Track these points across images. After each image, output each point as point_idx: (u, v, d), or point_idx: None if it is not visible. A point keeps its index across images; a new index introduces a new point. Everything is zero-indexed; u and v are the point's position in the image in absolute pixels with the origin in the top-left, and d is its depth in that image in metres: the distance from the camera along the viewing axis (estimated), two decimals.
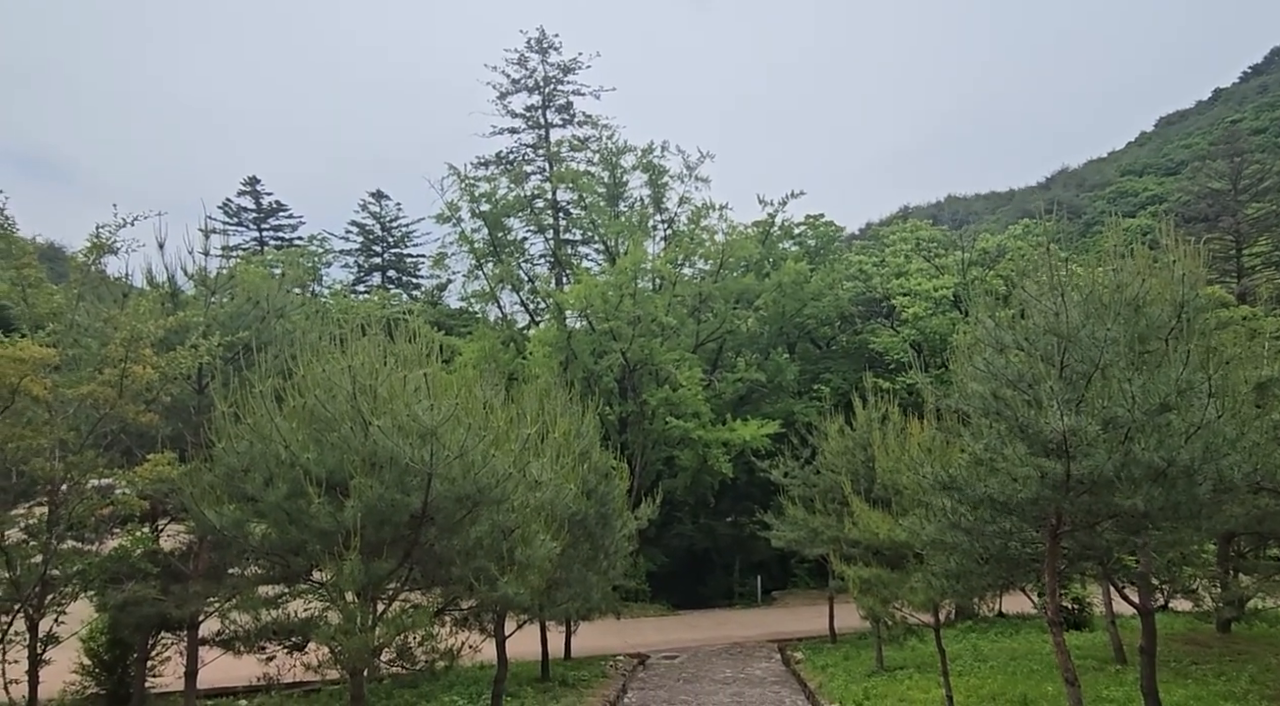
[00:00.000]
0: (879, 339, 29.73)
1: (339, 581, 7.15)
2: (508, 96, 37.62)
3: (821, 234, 33.85)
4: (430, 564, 8.32)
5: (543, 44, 37.07)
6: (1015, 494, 7.35)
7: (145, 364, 7.83)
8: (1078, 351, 7.84)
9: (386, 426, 7.22)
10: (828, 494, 19.41)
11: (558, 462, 9.59)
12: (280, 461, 7.74)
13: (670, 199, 31.87)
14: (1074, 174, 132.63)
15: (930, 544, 9.53)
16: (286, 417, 7.89)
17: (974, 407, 8.50)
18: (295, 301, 13.37)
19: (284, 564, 8.75)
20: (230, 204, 54.52)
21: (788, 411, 28.78)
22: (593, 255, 36.66)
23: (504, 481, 7.95)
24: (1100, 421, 6.95)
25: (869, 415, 17.52)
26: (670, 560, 29.25)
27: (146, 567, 9.42)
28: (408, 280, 56.04)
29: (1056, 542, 8.13)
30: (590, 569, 13.36)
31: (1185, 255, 9.72)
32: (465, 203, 30.96)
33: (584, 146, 34.71)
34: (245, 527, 7.96)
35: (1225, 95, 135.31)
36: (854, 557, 15.64)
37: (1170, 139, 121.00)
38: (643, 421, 27.80)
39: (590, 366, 27.81)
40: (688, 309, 29.67)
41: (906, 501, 12.58)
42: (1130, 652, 14.77)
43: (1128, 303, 8.64)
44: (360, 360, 7.88)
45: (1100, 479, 7.01)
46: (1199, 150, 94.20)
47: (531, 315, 33.55)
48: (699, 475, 27.92)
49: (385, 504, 7.38)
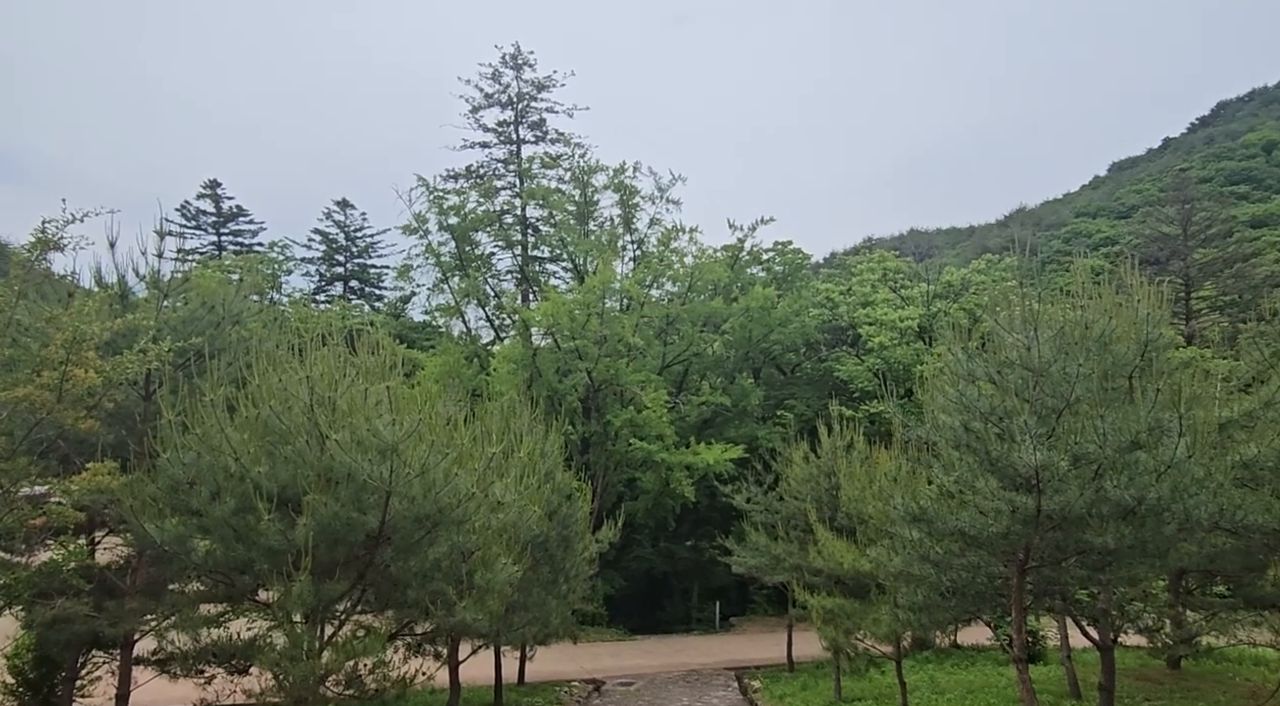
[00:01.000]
0: (844, 367, 29.94)
1: (286, 602, 6.78)
2: (480, 110, 37.43)
3: (789, 261, 34.10)
4: (385, 586, 7.96)
5: (517, 60, 37.01)
6: (986, 528, 7.29)
7: (88, 367, 7.40)
8: (1049, 386, 7.86)
9: (344, 441, 6.90)
10: (790, 520, 19.32)
11: (522, 483, 9.31)
12: (229, 474, 7.35)
13: (641, 220, 31.88)
14: (1031, 213, 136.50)
15: (897, 575, 9.44)
16: (238, 428, 7.52)
17: (944, 439, 8.47)
18: (252, 308, 12.93)
19: (228, 582, 8.30)
20: (189, 206, 53.24)
21: (751, 436, 28.74)
22: (561, 273, 36.45)
23: (466, 501, 7.66)
24: (1071, 457, 6.94)
25: (834, 443, 17.51)
26: (628, 584, 28.86)
27: (78, 583, 8.87)
28: (370, 291, 55.17)
29: (1023, 577, 8.09)
30: (550, 593, 13.02)
31: (1148, 295, 9.89)
32: (433, 215, 30.58)
33: (555, 164, 34.60)
34: (188, 543, 7.53)
35: (1174, 144, 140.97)
36: (816, 586, 15.53)
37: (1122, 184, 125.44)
38: (606, 442, 27.50)
39: (555, 385, 27.49)
40: (655, 330, 29.58)
41: (872, 531, 12.52)
42: (1085, 688, 14.84)
43: (1095, 339, 8.72)
44: (319, 370, 7.56)
45: (1071, 515, 6.98)
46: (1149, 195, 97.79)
47: (497, 331, 33.14)
48: (660, 498, 27.66)
49: (340, 522, 7.04)
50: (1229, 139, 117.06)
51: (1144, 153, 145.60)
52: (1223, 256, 47.99)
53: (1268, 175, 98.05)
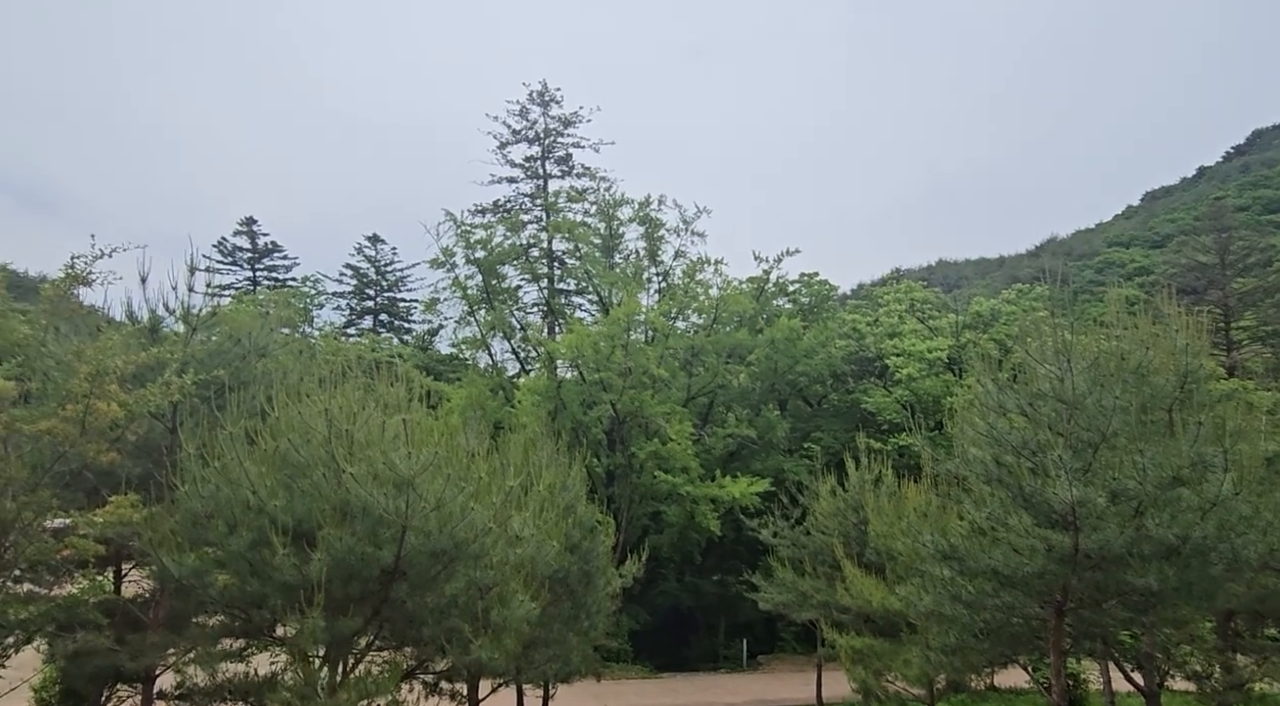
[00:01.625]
0: (871, 398, 29.50)
1: (300, 639, 6.67)
2: (508, 146, 38.03)
3: (815, 292, 33.91)
4: (400, 622, 7.83)
5: (544, 97, 37.62)
6: (1020, 567, 6.99)
7: (110, 400, 7.46)
8: (1083, 419, 7.59)
9: (360, 474, 6.84)
10: (818, 556, 18.89)
11: (541, 517, 9.18)
12: (247, 507, 7.32)
13: (666, 252, 31.96)
14: (1062, 243, 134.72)
15: (928, 615, 9.11)
16: (256, 461, 7.50)
17: (974, 473, 8.20)
18: (279, 340, 13.05)
19: (245, 617, 8.22)
20: (226, 243, 54.47)
21: (777, 469, 28.33)
22: (586, 305, 36.59)
23: (483, 536, 7.54)
24: (1109, 493, 6.66)
25: (862, 476, 17.16)
26: (654, 619, 28.36)
27: (96, 618, 8.85)
28: (399, 324, 55.77)
29: (1062, 619, 7.74)
30: (571, 628, 12.77)
31: (1187, 325, 9.57)
32: (460, 249, 30.92)
33: (581, 197, 34.93)
34: (206, 578, 7.49)
35: (1209, 173, 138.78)
36: (845, 624, 15.10)
37: (1156, 213, 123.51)
38: (630, 475, 27.27)
39: (579, 417, 27.40)
40: (680, 362, 29.44)
41: (901, 568, 12.14)
42: None
43: (1131, 371, 8.44)
44: (338, 403, 7.53)
45: (1110, 554, 6.67)
46: (1184, 225, 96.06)
47: (522, 363, 33.23)
48: (686, 532, 27.29)
49: (355, 557, 6.95)
50: (1265, 167, 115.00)
51: (1178, 182, 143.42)
52: (1263, 286, 46.78)
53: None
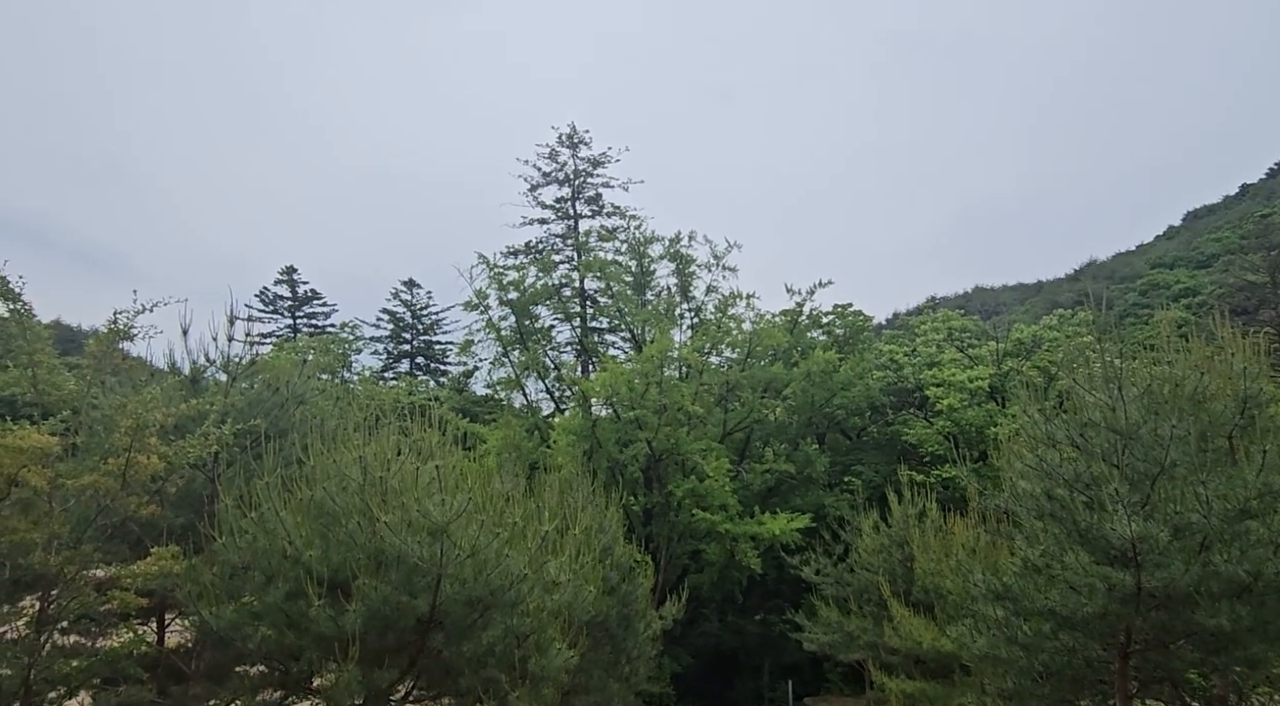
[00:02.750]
0: (912, 430, 28.88)
1: (335, 693, 6.57)
2: (538, 188, 38.58)
3: (850, 323, 33.53)
4: (437, 673, 7.69)
5: (573, 139, 38.22)
6: (1080, 607, 6.65)
7: (150, 453, 7.55)
8: (1139, 449, 7.27)
9: (394, 522, 6.78)
10: (863, 594, 18.36)
11: (577, 561, 9.02)
12: (284, 558, 7.30)
13: (697, 287, 31.93)
14: (1102, 266, 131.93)
15: (982, 658, 8.71)
16: (293, 510, 7.50)
17: (1025, 508, 7.88)
18: (317, 387, 13.20)
19: (283, 670, 8.16)
20: (267, 292, 55.91)
21: (818, 504, 27.76)
22: (619, 343, 36.61)
23: (519, 583, 7.41)
24: (1171, 528, 6.32)
25: (905, 511, 16.71)
26: (696, 661, 27.70)
27: (138, 672, 8.86)
28: (436, 367, 56.42)
29: (1126, 662, 7.32)
30: (611, 675, 12.50)
31: (1243, 348, 9.20)
32: (493, 290, 31.25)
33: (612, 236, 35.20)
34: (244, 630, 7.45)
35: (1253, 190, 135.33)
36: (894, 666, 14.57)
37: (1199, 233, 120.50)
38: (668, 513, 26.91)
39: (615, 455, 27.22)
40: (715, 398, 29.18)
41: (951, 607, 11.70)
42: None
43: (1187, 397, 8.09)
44: (372, 450, 7.52)
45: (1175, 593, 6.31)
46: (1229, 243, 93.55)
47: (556, 403, 33.25)
48: (726, 571, 26.76)
49: (390, 607, 6.86)
50: None
51: (1220, 200, 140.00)
52: None
53: None
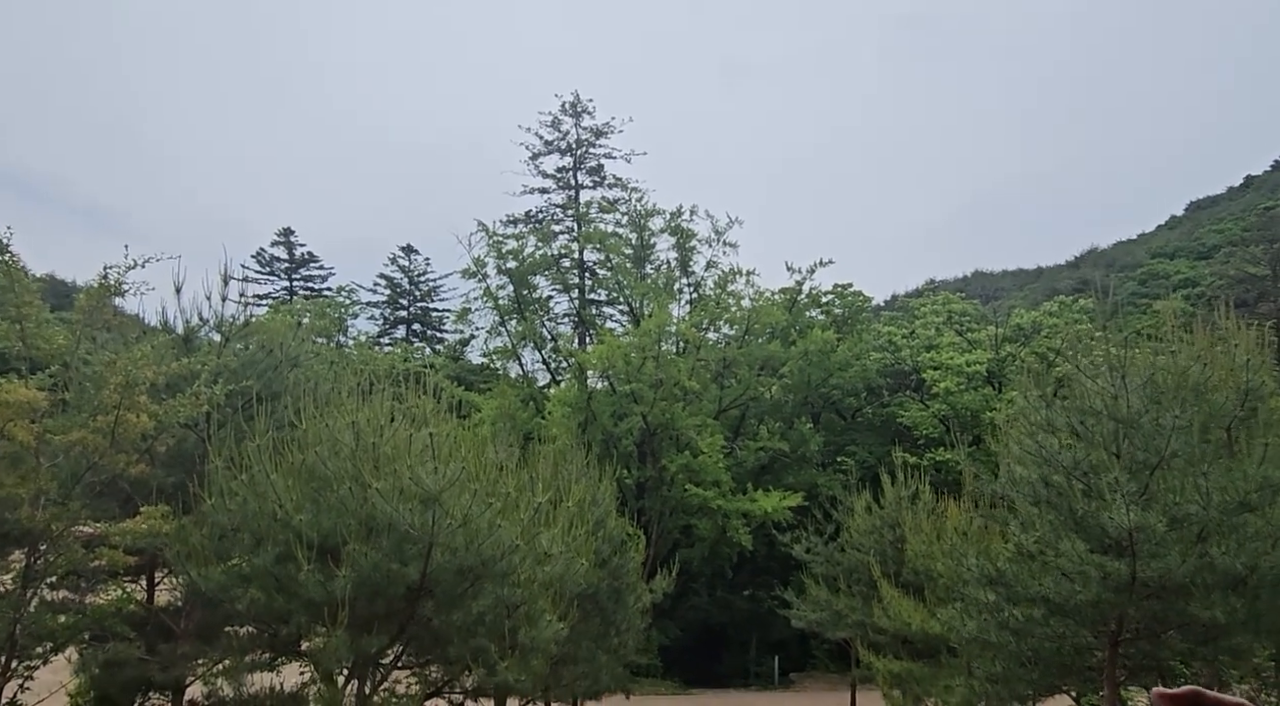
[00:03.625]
0: (907, 412, 28.92)
1: (323, 657, 6.54)
2: (539, 157, 38.17)
3: (849, 303, 33.44)
4: (426, 640, 7.68)
5: (576, 108, 37.73)
6: (1073, 594, 6.62)
7: (139, 412, 7.45)
8: (1139, 439, 7.21)
9: (386, 489, 6.71)
10: (852, 573, 18.45)
11: (570, 534, 8.99)
12: (274, 521, 7.23)
13: (697, 262, 31.79)
14: (1103, 254, 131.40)
15: (971, 641, 8.73)
16: (284, 474, 7.42)
17: (1021, 494, 7.84)
18: (312, 350, 13.06)
19: (272, 632, 8.14)
20: (264, 253, 55.46)
21: (810, 483, 27.87)
22: (617, 316, 36.50)
23: (510, 553, 7.37)
24: (1169, 519, 6.27)
25: (898, 492, 16.71)
26: (684, 634, 28.00)
27: (124, 631, 8.83)
28: (432, 334, 56.21)
29: (1116, 650, 7.33)
30: (600, 646, 12.55)
31: (1246, 339, 9.11)
32: (492, 259, 31.06)
33: (613, 208, 34.91)
34: (232, 592, 7.41)
35: (1257, 182, 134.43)
36: (881, 646, 14.66)
37: (1201, 223, 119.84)
38: (661, 487, 27.01)
39: (610, 428, 27.24)
40: (711, 374, 29.16)
41: (941, 590, 11.73)
42: None
43: (1189, 388, 8.02)
44: (365, 416, 7.43)
45: (1170, 583, 6.29)
46: (1231, 235, 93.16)
47: (553, 374, 33.22)
48: (717, 546, 26.95)
49: (380, 573, 6.82)
50: None
51: (1224, 191, 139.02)
52: None
53: None
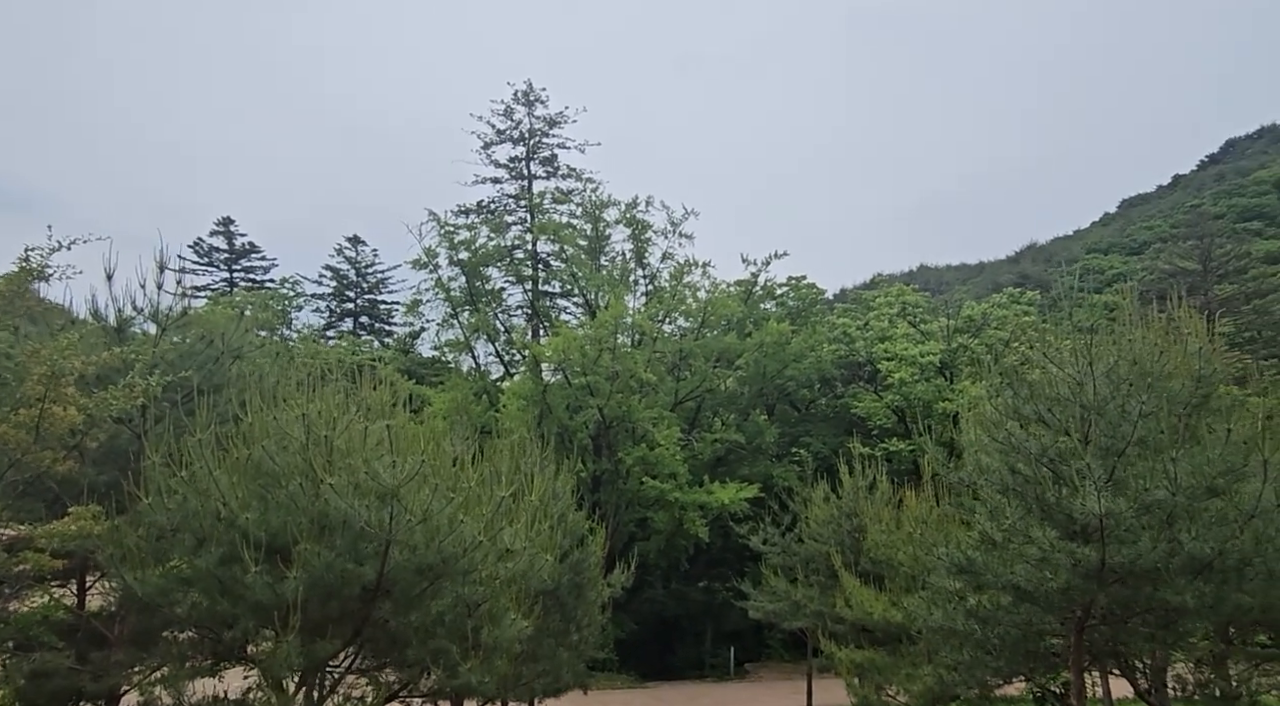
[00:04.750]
0: (861, 404, 29.23)
1: (271, 665, 6.14)
2: (492, 146, 37.45)
3: (803, 296, 33.65)
4: (383, 643, 7.31)
5: (529, 97, 37.10)
6: (1044, 582, 6.61)
7: (67, 404, 6.90)
8: (1104, 426, 7.24)
9: (341, 484, 6.33)
10: (810, 563, 18.53)
11: (533, 528, 8.69)
12: (217, 520, 6.77)
13: (653, 254, 31.58)
14: (1042, 249, 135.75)
15: (936, 630, 8.72)
16: (227, 470, 6.96)
17: (989, 482, 7.83)
18: (254, 342, 12.46)
19: (215, 638, 7.66)
20: (202, 243, 53.30)
21: (766, 475, 27.99)
22: (571, 309, 36.09)
23: (472, 550, 7.04)
24: (1139, 505, 6.29)
25: (856, 482, 16.81)
26: (640, 627, 27.87)
27: (49, 638, 8.24)
28: (380, 327, 54.84)
29: (1081, 636, 7.37)
30: (561, 643, 12.28)
31: (1198, 329, 9.27)
32: (444, 249, 30.36)
33: (567, 199, 34.46)
34: (171, 596, 6.93)
35: (1184, 181, 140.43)
36: (841, 635, 14.71)
37: (1133, 220, 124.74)
38: (617, 480, 26.80)
39: (565, 421, 26.90)
40: (667, 366, 29.03)
41: (903, 579, 11.77)
42: None
43: (1149, 375, 8.11)
44: (316, 408, 7.01)
45: (1139, 569, 6.31)
46: (1161, 231, 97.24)
47: (506, 367, 32.70)
48: (674, 538, 26.87)
49: (334, 574, 6.43)
50: (1239, 176, 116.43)
51: (1154, 189, 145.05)
52: (1244, 292, 47.27)
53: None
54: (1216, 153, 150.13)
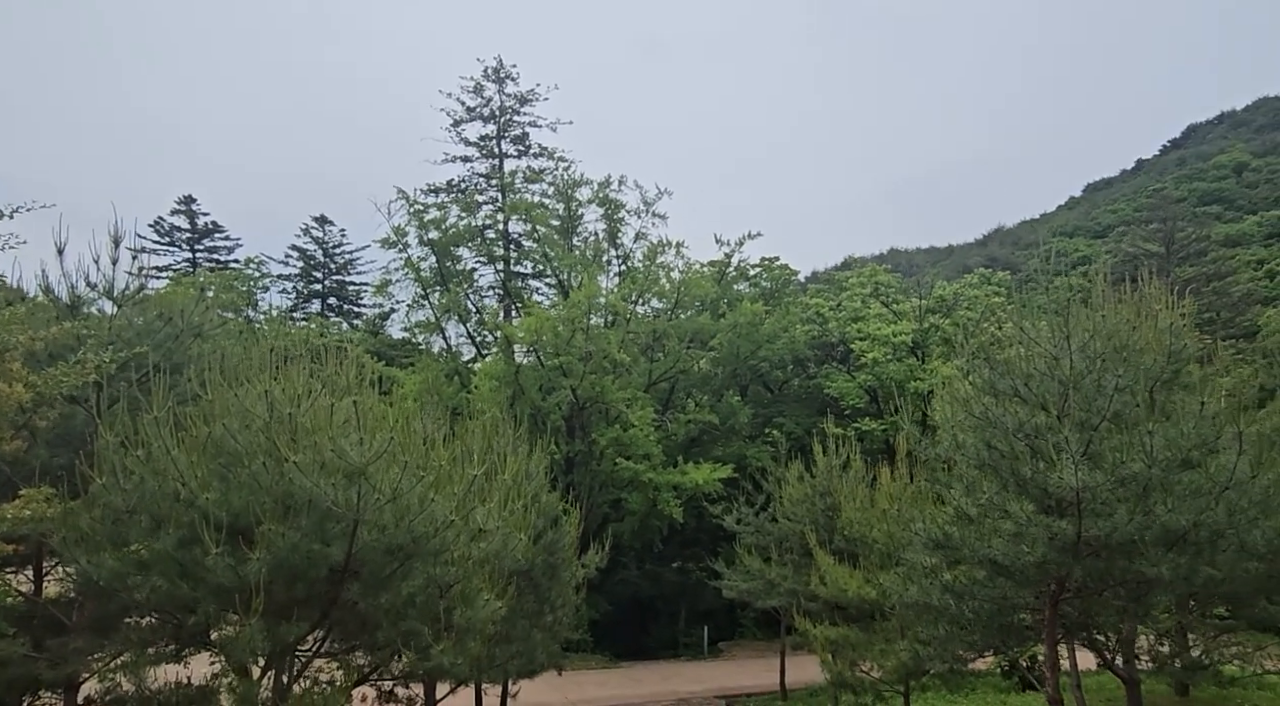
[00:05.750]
0: (834, 384, 29.37)
1: (235, 649, 5.93)
2: (462, 124, 36.74)
3: (776, 277, 33.64)
4: (351, 625, 7.13)
5: (500, 73, 36.42)
6: (1021, 556, 6.61)
7: (13, 380, 6.57)
8: (1081, 400, 7.24)
9: (306, 462, 6.10)
10: (783, 543, 18.62)
11: (506, 508, 8.53)
12: (175, 501, 6.51)
13: (626, 234, 31.30)
14: (1009, 233, 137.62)
15: (911, 606, 8.74)
16: (186, 449, 6.69)
17: (965, 459, 7.82)
18: (216, 321, 12.07)
19: (176, 623, 7.42)
20: (163, 222, 51.83)
21: (740, 455, 28.05)
22: (544, 289, 35.72)
23: (444, 530, 6.87)
24: (1115, 478, 6.29)
25: (829, 462, 16.87)
26: (614, 608, 27.89)
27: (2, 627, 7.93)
28: (349, 309, 53.96)
29: (1056, 609, 7.41)
30: (535, 625, 12.18)
31: (1169, 305, 9.33)
32: (413, 229, 29.81)
33: (539, 178, 33.98)
34: (129, 580, 6.67)
35: (1147, 166, 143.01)
36: (815, 613, 14.79)
37: (1097, 204, 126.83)
38: (591, 462, 26.69)
39: (538, 402, 26.68)
40: (641, 347, 28.88)
41: (877, 556, 11.81)
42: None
43: (1127, 349, 8.14)
44: (280, 385, 6.76)
45: (1114, 542, 6.32)
46: (1124, 215, 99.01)
47: (478, 348, 32.31)
48: (648, 519, 26.86)
49: (300, 555, 6.22)
50: (1200, 161, 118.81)
51: (1118, 174, 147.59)
52: (1204, 273, 48.29)
53: (1239, 195, 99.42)
54: (1178, 137, 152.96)
